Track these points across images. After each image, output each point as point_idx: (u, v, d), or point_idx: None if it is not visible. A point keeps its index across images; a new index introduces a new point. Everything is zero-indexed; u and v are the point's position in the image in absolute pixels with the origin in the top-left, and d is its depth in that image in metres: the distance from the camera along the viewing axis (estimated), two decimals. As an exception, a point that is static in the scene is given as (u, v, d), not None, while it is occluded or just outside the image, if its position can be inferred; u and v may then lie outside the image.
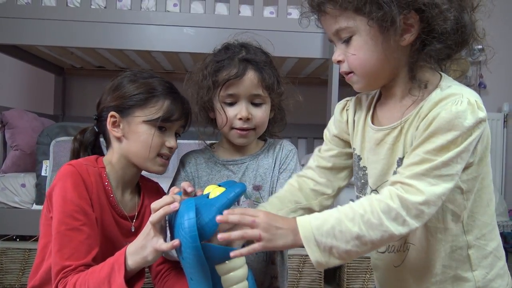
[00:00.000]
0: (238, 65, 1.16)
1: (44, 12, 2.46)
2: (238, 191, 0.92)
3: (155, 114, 1.15)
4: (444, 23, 0.82)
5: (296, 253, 2.46)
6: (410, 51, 0.86)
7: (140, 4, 2.49)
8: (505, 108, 3.81)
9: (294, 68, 3.17)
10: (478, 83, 3.86)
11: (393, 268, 0.97)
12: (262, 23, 2.49)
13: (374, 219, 0.79)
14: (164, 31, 2.49)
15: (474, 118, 0.80)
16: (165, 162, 1.21)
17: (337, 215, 0.81)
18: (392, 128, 0.90)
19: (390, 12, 0.80)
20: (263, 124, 1.22)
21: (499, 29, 3.85)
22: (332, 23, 0.88)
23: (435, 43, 0.83)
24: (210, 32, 2.45)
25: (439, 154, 0.80)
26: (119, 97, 1.17)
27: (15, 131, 2.72)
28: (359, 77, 0.90)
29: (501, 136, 3.81)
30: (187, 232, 0.83)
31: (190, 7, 2.51)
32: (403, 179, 0.81)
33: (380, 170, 0.93)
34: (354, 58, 0.87)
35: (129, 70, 1.24)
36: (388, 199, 0.80)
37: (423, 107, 0.85)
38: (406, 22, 0.82)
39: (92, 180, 1.12)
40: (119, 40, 2.50)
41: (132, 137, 1.17)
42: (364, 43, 0.86)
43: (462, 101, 0.80)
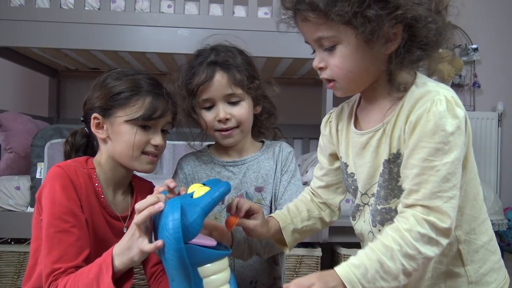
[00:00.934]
0: (206, 70, 1.19)
1: (38, 14, 2.44)
2: (222, 190, 0.92)
3: (136, 113, 1.14)
4: (428, 33, 0.84)
5: (293, 254, 2.46)
6: (390, 58, 0.87)
7: (134, 5, 2.49)
8: (500, 107, 3.83)
9: (289, 68, 3.17)
10: (472, 82, 3.87)
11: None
12: (257, 24, 2.49)
13: (411, 250, 0.80)
14: (158, 32, 2.48)
15: (455, 116, 0.82)
16: (153, 159, 1.19)
17: (375, 257, 0.81)
18: (375, 130, 0.91)
19: (380, 26, 0.81)
20: (246, 121, 1.22)
21: (493, 29, 3.88)
22: (314, 31, 0.88)
23: (416, 50, 0.85)
24: (205, 33, 2.40)
25: (436, 159, 0.81)
26: (100, 99, 1.17)
27: (9, 133, 2.70)
28: (342, 85, 0.91)
29: (495, 135, 3.82)
30: (171, 233, 0.83)
31: (184, 8, 2.51)
32: (422, 202, 0.82)
33: (367, 173, 0.94)
34: (338, 68, 0.88)
35: (111, 70, 1.24)
36: (417, 226, 0.81)
37: (403, 107, 0.87)
38: (390, 32, 0.84)
39: (81, 181, 1.12)
40: (113, 42, 2.49)
41: (116, 138, 1.16)
42: (349, 53, 0.86)
43: (441, 99, 0.82)
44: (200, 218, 0.86)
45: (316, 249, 2.50)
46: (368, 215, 0.97)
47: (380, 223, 0.93)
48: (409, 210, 0.83)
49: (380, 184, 0.91)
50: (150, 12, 2.49)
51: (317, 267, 2.50)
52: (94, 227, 1.12)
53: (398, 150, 0.88)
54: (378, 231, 0.93)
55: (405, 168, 0.85)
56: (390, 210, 0.92)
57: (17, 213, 2.40)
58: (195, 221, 0.85)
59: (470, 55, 3.82)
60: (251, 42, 2.43)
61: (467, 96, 3.90)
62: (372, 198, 0.95)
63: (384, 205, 0.92)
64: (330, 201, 1.12)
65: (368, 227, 0.97)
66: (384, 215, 0.92)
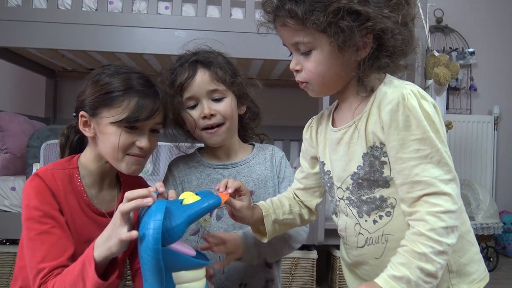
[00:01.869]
0: (188, 69, 1.21)
1: (35, 14, 2.44)
2: (212, 202, 0.93)
3: (121, 115, 1.11)
4: (394, 42, 0.91)
5: (288, 256, 2.46)
6: (360, 64, 0.93)
7: (131, 7, 2.49)
8: (496, 110, 3.84)
9: (285, 71, 3.17)
10: (469, 86, 3.89)
11: (374, 260, 0.98)
12: (254, 26, 2.48)
13: (441, 247, 0.84)
14: (156, 34, 2.48)
15: (426, 99, 0.89)
16: (138, 160, 1.16)
17: (414, 265, 0.84)
18: (347, 126, 0.98)
19: (352, 35, 0.88)
20: (231, 117, 1.24)
21: (489, 33, 3.89)
22: (291, 36, 0.94)
23: (384, 58, 0.92)
24: (202, 35, 2.41)
25: (426, 148, 0.86)
26: (88, 97, 1.15)
27: (5, 134, 2.70)
28: (314, 87, 0.97)
29: (491, 138, 3.84)
30: (151, 233, 0.83)
31: (182, 9, 2.51)
32: (429, 190, 0.86)
33: (341, 167, 0.99)
34: (311, 72, 0.94)
35: (104, 66, 1.21)
36: (438, 223, 0.84)
37: (373, 104, 0.93)
38: (361, 41, 0.90)
39: (59, 183, 1.11)
40: (110, 43, 2.49)
41: (102, 138, 1.14)
42: (323, 58, 0.92)
43: (409, 93, 0.88)
44: (184, 224, 0.87)
45: (312, 251, 2.51)
46: (347, 208, 1.00)
47: (367, 213, 0.96)
48: (420, 208, 0.86)
49: (361, 177, 0.95)
50: (147, 14, 2.49)
51: (312, 270, 2.50)
52: (76, 228, 1.12)
53: (374, 143, 0.93)
54: (365, 221, 0.96)
55: (396, 163, 0.89)
56: (375, 199, 0.95)
57: (12, 213, 2.39)
58: (178, 226, 0.86)
59: (466, 59, 3.84)
60: (249, 44, 2.47)
61: (463, 99, 3.91)
62: (347, 191, 0.99)
63: (369, 194, 0.95)
64: (307, 203, 1.16)
65: (354, 220, 0.99)
66: (370, 205, 0.95)
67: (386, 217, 0.94)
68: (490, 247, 3.27)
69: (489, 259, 3.24)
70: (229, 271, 1.22)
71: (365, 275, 1.02)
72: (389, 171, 0.92)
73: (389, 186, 0.93)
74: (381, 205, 0.94)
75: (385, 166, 0.92)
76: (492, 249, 3.28)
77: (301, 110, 3.48)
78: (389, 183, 0.93)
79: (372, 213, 0.95)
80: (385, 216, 0.94)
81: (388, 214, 0.94)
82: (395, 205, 0.93)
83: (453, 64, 3.64)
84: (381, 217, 0.94)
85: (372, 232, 0.96)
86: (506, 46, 3.93)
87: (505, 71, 3.94)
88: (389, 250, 0.94)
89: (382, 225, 0.94)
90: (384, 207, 0.94)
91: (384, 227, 0.94)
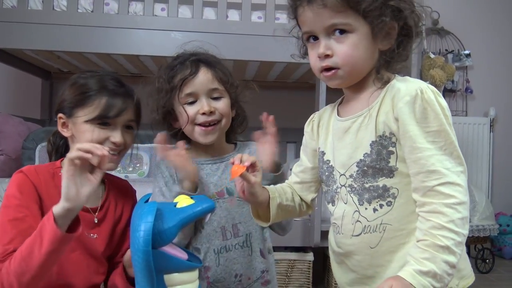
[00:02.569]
0: (190, 66, 1.23)
1: (30, 16, 2.44)
2: (205, 207, 0.93)
3: (93, 113, 1.19)
4: (415, 37, 0.98)
5: (284, 258, 2.46)
6: (382, 54, 0.98)
7: (127, 8, 2.48)
8: (491, 112, 3.85)
9: (282, 73, 3.18)
10: (464, 88, 3.90)
11: (369, 249, 0.98)
12: (250, 27, 2.50)
13: (460, 238, 0.87)
14: (152, 35, 2.48)
15: (442, 100, 0.92)
16: (112, 157, 1.22)
17: (439, 259, 0.86)
18: (356, 116, 1.00)
19: (388, 22, 0.93)
20: (228, 116, 1.26)
21: (485, 35, 3.91)
22: (330, 17, 0.93)
23: (404, 50, 0.98)
24: (198, 37, 2.41)
25: (441, 140, 0.90)
26: (63, 100, 1.24)
27: (0, 135, 2.68)
28: (344, 73, 0.97)
29: (487, 140, 3.85)
30: (141, 235, 0.83)
31: (178, 11, 2.51)
32: (444, 180, 0.88)
33: (347, 154, 1.00)
34: (348, 55, 0.94)
35: (80, 72, 1.29)
36: (455, 214, 0.87)
37: (386, 95, 0.96)
38: (391, 30, 0.95)
39: (41, 178, 1.18)
40: (106, 44, 2.48)
41: (78, 137, 1.21)
42: (359, 42, 0.94)
43: (426, 88, 0.92)
44: (176, 227, 0.87)
45: (308, 253, 2.50)
46: (348, 196, 1.01)
47: (368, 201, 0.97)
48: (434, 200, 0.89)
49: (367, 164, 0.96)
50: (143, 15, 2.49)
51: (309, 272, 2.50)
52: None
53: (384, 133, 0.95)
54: (365, 209, 0.98)
55: (412, 153, 0.91)
56: (377, 187, 0.96)
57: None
58: (170, 229, 0.86)
59: (462, 61, 3.85)
60: (245, 46, 2.47)
61: (459, 101, 3.92)
62: (350, 179, 1.00)
63: (372, 183, 0.97)
64: (303, 197, 1.18)
65: (353, 207, 1.00)
66: (372, 193, 0.97)
67: (386, 206, 0.95)
68: (486, 249, 3.27)
69: (485, 261, 3.25)
70: (225, 263, 1.23)
71: (356, 266, 1.02)
72: (395, 161, 0.94)
73: (393, 176, 0.95)
74: (383, 194, 0.95)
75: (391, 156, 0.94)
76: (488, 251, 3.29)
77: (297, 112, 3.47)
78: (393, 173, 0.95)
79: (373, 201, 0.96)
80: (385, 206, 0.95)
81: (389, 204, 0.95)
82: (396, 196, 0.95)
83: (449, 66, 3.66)
84: (381, 206, 0.96)
85: (371, 220, 0.97)
86: (501, 48, 3.95)
87: (501, 73, 3.96)
88: (386, 240, 0.96)
89: (382, 214, 0.96)
90: (385, 197, 0.95)
91: (383, 216, 0.96)
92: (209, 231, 1.23)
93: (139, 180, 3.08)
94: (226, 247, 1.23)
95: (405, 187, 0.94)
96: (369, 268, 0.99)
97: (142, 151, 3.29)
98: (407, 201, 0.94)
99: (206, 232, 1.22)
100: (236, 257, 1.24)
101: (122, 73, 3.33)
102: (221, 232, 1.23)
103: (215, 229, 1.23)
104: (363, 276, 1.01)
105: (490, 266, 3.26)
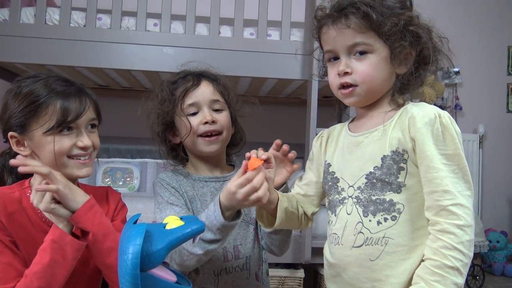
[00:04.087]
0: (193, 78, 1.26)
1: (22, 30, 2.44)
2: (195, 228, 0.92)
3: (50, 122, 1.08)
4: (431, 65, 1.02)
5: (275, 275, 2.44)
6: (397, 78, 1.03)
7: (119, 23, 2.49)
8: (481, 129, 3.89)
9: (274, 88, 3.19)
10: (454, 105, 3.94)
11: (368, 262, 0.98)
12: (242, 44, 2.51)
13: (467, 259, 0.90)
14: (144, 51, 2.49)
15: (456, 126, 0.98)
16: (84, 162, 1.14)
17: (450, 282, 0.88)
18: (370, 132, 1.03)
19: (407, 46, 0.99)
20: (229, 128, 1.27)
21: (474, 53, 3.96)
22: (352, 36, 0.99)
23: (420, 75, 1.03)
24: (190, 52, 2.46)
25: (454, 163, 0.94)
26: (9, 118, 1.11)
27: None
28: (362, 90, 1.02)
29: (476, 157, 3.87)
30: (129, 258, 0.82)
31: (171, 27, 2.52)
32: (455, 201, 0.91)
33: (357, 166, 1.03)
34: (366, 73, 1.00)
35: (16, 81, 1.17)
36: (464, 236, 0.90)
37: (402, 114, 1.00)
38: (408, 55, 1.01)
39: (11, 207, 1.08)
40: (98, 59, 2.48)
41: (40, 152, 1.11)
42: (378, 62, 1.00)
43: (443, 113, 0.97)
44: (165, 249, 0.86)
45: (299, 270, 2.49)
46: (353, 207, 1.02)
47: (373, 213, 0.99)
48: (445, 219, 0.91)
49: (376, 177, 0.99)
50: (135, 30, 2.50)
51: (300, 288, 2.48)
52: (31, 244, 1.08)
53: (397, 149, 0.98)
54: (369, 221, 0.99)
55: (428, 172, 0.94)
56: (384, 201, 0.98)
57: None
58: (159, 251, 0.85)
59: (452, 78, 3.89)
60: (237, 62, 2.49)
61: (449, 118, 3.95)
62: (358, 190, 1.02)
63: (379, 196, 0.99)
64: (304, 209, 1.19)
65: (357, 218, 1.01)
66: (377, 206, 0.98)
67: (391, 220, 0.97)
68: (476, 265, 3.27)
69: (476, 278, 3.25)
70: (223, 286, 1.21)
71: (353, 279, 1.01)
72: (404, 178, 0.97)
73: (401, 192, 0.97)
74: (389, 209, 0.97)
75: (401, 172, 0.97)
76: (478, 267, 3.29)
77: (288, 128, 3.49)
78: (401, 188, 0.97)
79: (378, 214, 0.98)
80: (390, 220, 0.97)
81: (394, 218, 0.97)
82: (402, 211, 0.97)
83: (438, 84, 3.69)
84: (386, 219, 0.98)
85: (374, 233, 0.98)
86: (490, 65, 4.00)
87: (490, 90, 4.00)
88: (386, 253, 0.97)
89: (386, 228, 0.97)
90: (391, 211, 0.97)
91: (386, 230, 0.97)
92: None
93: (130, 195, 3.06)
94: (226, 269, 1.21)
95: (411, 205, 0.97)
96: (367, 282, 0.99)
97: (133, 166, 3.29)
98: (412, 217, 0.97)
99: None
100: (235, 280, 1.22)
101: (114, 87, 3.33)
102: (222, 253, 1.21)
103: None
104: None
105: (481, 282, 3.26)
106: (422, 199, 0.96)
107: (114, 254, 0.98)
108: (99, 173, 3.19)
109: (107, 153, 3.25)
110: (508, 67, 4.05)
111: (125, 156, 3.31)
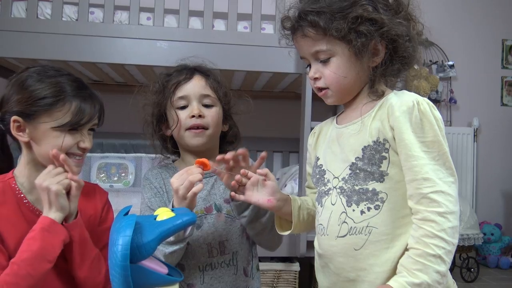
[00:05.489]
0: (186, 73, 1.27)
1: (14, 24, 2.41)
2: (185, 219, 0.91)
3: (63, 119, 1.12)
4: (406, 49, 1.02)
5: (270, 269, 2.44)
6: (374, 70, 1.03)
7: (112, 17, 2.47)
8: (475, 122, 3.90)
9: (268, 82, 3.18)
10: (448, 98, 3.94)
11: (353, 251, 0.99)
12: (236, 37, 2.50)
13: (450, 247, 0.91)
14: (137, 45, 2.46)
15: (437, 112, 0.97)
16: (79, 161, 1.18)
17: (431, 269, 0.89)
18: (352, 123, 1.05)
19: (368, 41, 0.98)
20: (217, 125, 1.27)
21: (469, 46, 3.96)
22: (312, 45, 1.03)
23: (396, 63, 1.03)
24: (184, 46, 2.44)
25: (434, 150, 0.94)
26: (23, 102, 1.12)
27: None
28: (333, 92, 1.05)
29: (471, 150, 3.89)
30: (119, 249, 0.81)
31: (164, 20, 2.50)
32: (437, 188, 0.92)
33: (341, 158, 1.05)
34: (332, 76, 1.02)
35: (29, 68, 1.18)
36: (446, 223, 0.91)
37: (383, 105, 1.01)
38: (376, 48, 1.00)
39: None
40: (91, 53, 2.46)
41: (41, 142, 1.13)
42: (342, 64, 1.01)
43: (423, 100, 0.97)
44: (156, 241, 0.85)
45: (294, 263, 2.49)
46: (338, 197, 1.03)
47: (356, 203, 1.00)
48: (426, 208, 0.92)
49: (359, 167, 1.00)
50: (129, 24, 2.48)
51: (295, 282, 2.48)
52: (17, 236, 1.09)
53: (378, 139, 0.99)
54: (352, 211, 1.00)
55: (408, 160, 0.95)
56: (367, 190, 0.99)
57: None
58: (150, 243, 0.84)
59: (446, 72, 3.89)
60: (231, 55, 2.47)
61: (443, 111, 3.96)
62: (342, 181, 1.03)
63: (362, 185, 1.00)
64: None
65: (341, 208, 1.02)
66: (361, 195, 1.00)
67: (374, 210, 0.98)
68: (470, 258, 3.29)
69: (470, 270, 3.27)
70: (209, 281, 1.22)
71: (339, 269, 1.02)
72: (386, 167, 0.98)
73: (383, 181, 0.98)
74: (372, 198, 0.99)
75: (383, 161, 0.98)
76: (473, 259, 3.31)
77: (283, 122, 3.49)
78: (384, 177, 0.98)
79: (361, 203, 0.99)
80: (373, 209, 0.98)
81: (377, 208, 0.98)
82: (385, 200, 0.98)
83: (433, 77, 3.70)
84: (369, 209, 0.99)
85: (358, 222, 0.99)
86: (485, 59, 4.01)
87: (484, 84, 4.01)
88: (370, 242, 0.98)
89: (369, 217, 0.98)
90: (374, 200, 0.98)
91: (370, 219, 0.98)
92: (194, 247, 1.21)
93: (124, 190, 3.05)
94: (211, 264, 1.21)
95: (394, 193, 0.98)
96: (352, 271, 1.00)
97: (128, 161, 3.27)
98: (395, 206, 0.98)
99: (191, 248, 1.20)
100: (221, 276, 1.22)
101: (108, 82, 3.31)
102: (207, 248, 1.21)
103: (201, 246, 1.21)
104: (345, 279, 1.02)
105: (475, 275, 3.28)
106: (405, 188, 0.97)
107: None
108: (94, 169, 3.18)
109: (101, 147, 3.23)
110: (502, 60, 4.06)
111: (119, 151, 3.29)
